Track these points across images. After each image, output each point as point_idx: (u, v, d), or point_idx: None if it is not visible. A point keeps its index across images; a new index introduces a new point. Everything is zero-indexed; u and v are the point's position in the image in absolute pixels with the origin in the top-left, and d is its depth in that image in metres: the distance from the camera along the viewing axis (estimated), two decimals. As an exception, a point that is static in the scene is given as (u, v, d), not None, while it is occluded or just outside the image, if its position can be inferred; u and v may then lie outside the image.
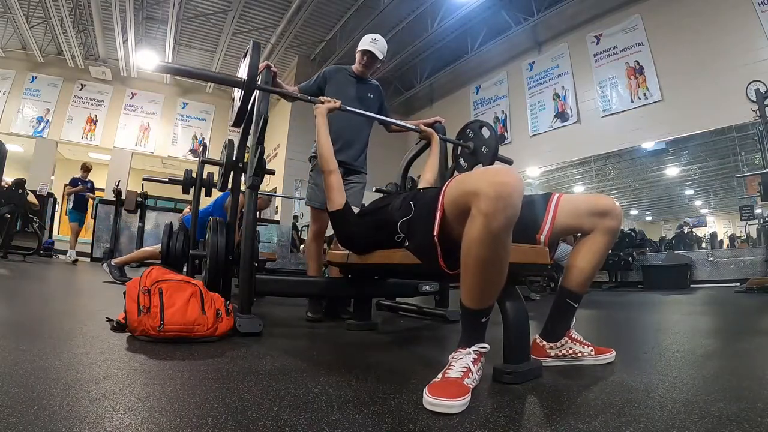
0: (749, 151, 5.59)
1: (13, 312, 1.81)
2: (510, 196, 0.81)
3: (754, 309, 2.95)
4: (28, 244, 5.89)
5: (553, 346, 1.20)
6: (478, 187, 0.83)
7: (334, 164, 1.57)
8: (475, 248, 0.86)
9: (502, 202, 0.80)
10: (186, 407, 0.74)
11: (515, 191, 0.81)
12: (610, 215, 1.14)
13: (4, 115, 9.09)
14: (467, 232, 0.86)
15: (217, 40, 8.71)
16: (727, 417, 0.74)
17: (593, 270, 1.18)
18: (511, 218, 0.82)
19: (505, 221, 0.82)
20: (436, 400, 0.77)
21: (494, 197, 0.81)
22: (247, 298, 1.60)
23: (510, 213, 0.82)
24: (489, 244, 0.84)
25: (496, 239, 0.84)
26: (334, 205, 1.50)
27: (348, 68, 2.46)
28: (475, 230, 0.84)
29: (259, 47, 1.61)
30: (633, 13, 6.37)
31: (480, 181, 0.84)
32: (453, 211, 0.94)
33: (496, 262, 0.88)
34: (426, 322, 2.19)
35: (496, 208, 0.81)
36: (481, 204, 0.82)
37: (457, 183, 0.95)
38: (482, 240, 0.84)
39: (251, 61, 1.55)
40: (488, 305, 0.95)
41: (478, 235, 0.84)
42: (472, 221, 0.85)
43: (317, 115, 1.70)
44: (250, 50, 1.58)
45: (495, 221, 0.81)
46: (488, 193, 0.81)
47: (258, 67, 1.62)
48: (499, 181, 0.81)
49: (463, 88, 9.17)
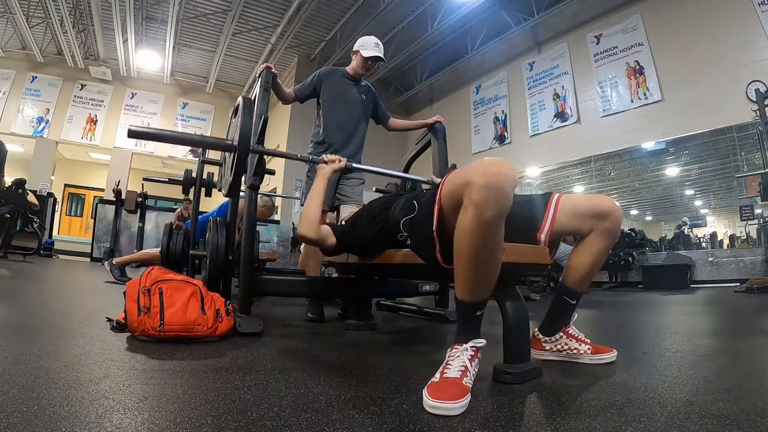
0: (749, 151, 5.58)
1: (13, 312, 1.81)
2: (502, 186, 0.81)
3: (754, 309, 2.94)
4: (28, 244, 5.89)
5: (548, 340, 1.23)
6: (471, 177, 0.84)
7: (314, 231, 1.42)
8: (467, 239, 0.86)
9: (493, 192, 0.81)
10: (186, 407, 0.74)
11: (507, 181, 0.82)
12: (610, 218, 1.14)
13: (4, 115, 9.09)
14: (459, 222, 0.87)
15: (217, 40, 8.70)
16: (727, 417, 0.74)
17: (592, 271, 1.19)
18: (502, 208, 0.82)
19: (496, 211, 0.82)
20: (437, 403, 0.77)
21: (485, 187, 0.81)
22: (247, 298, 1.60)
23: (502, 203, 0.82)
24: (481, 234, 0.84)
25: (487, 229, 0.84)
26: (331, 247, 1.44)
27: (342, 70, 2.43)
28: (467, 220, 0.84)
29: (251, 106, 1.36)
30: (633, 13, 6.36)
31: (472, 171, 0.84)
32: (449, 204, 0.95)
33: (487, 252, 0.88)
34: (426, 322, 2.19)
35: (488, 198, 0.81)
36: (473, 194, 0.82)
37: (452, 176, 0.96)
38: (474, 230, 0.84)
39: (243, 121, 1.31)
40: (482, 298, 0.94)
41: (470, 225, 0.84)
42: (464, 212, 0.85)
43: (319, 176, 1.56)
44: (240, 108, 1.34)
45: (487, 211, 0.81)
46: (480, 182, 0.81)
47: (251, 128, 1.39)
48: (492, 171, 0.82)
49: (463, 88, 9.16)
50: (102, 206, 7.31)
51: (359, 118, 2.38)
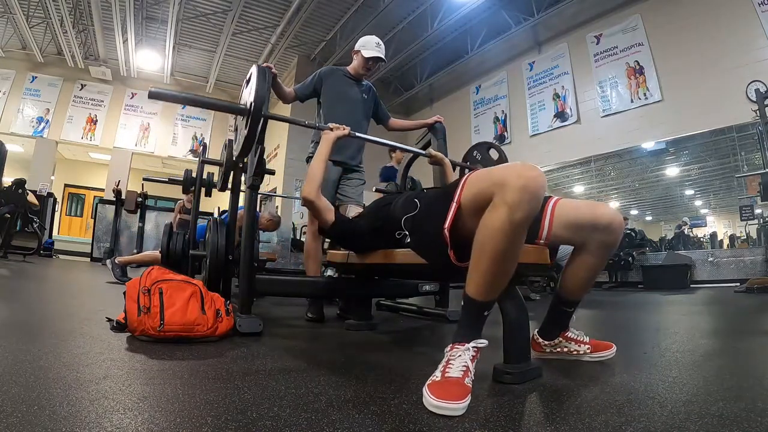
0: (749, 151, 5.58)
1: (13, 312, 1.80)
2: (537, 190, 0.83)
3: (754, 309, 2.94)
4: (28, 244, 5.90)
5: (548, 344, 1.23)
6: (506, 177, 0.85)
7: (315, 194, 1.50)
8: (494, 238, 0.86)
9: (527, 195, 0.82)
10: (186, 407, 0.74)
11: (542, 188, 0.84)
12: (609, 229, 1.07)
13: (4, 115, 9.09)
14: (487, 222, 0.87)
15: (217, 40, 8.70)
16: (727, 417, 0.74)
17: (589, 282, 1.16)
18: (533, 211, 0.84)
19: (527, 213, 0.84)
20: (441, 403, 0.76)
21: (522, 188, 0.82)
22: (247, 298, 1.60)
23: (533, 206, 0.84)
24: (508, 234, 0.85)
25: (515, 230, 0.85)
26: (328, 222, 1.49)
27: (343, 69, 2.43)
28: (497, 220, 0.85)
29: (265, 73, 1.46)
30: (633, 13, 6.37)
31: (508, 172, 0.86)
32: (470, 204, 0.95)
33: (510, 253, 0.88)
34: (426, 322, 2.19)
35: (522, 200, 0.82)
36: (506, 194, 0.84)
37: (479, 175, 0.96)
38: (502, 229, 0.85)
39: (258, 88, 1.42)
40: (493, 298, 0.94)
41: (499, 225, 0.85)
42: (493, 210, 0.86)
43: (323, 141, 1.62)
44: (255, 76, 1.45)
45: (519, 212, 0.83)
46: (516, 184, 0.83)
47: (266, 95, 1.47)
48: (529, 175, 0.84)
49: (463, 88, 9.16)
50: (102, 206, 7.32)
51: (360, 118, 2.38)
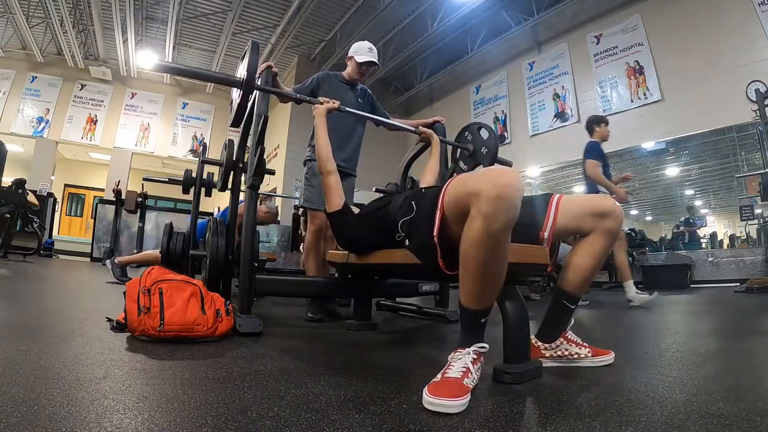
0: (749, 151, 5.58)
1: (13, 312, 1.80)
2: (512, 198, 0.81)
3: (754, 309, 2.94)
4: (28, 244, 5.90)
5: (548, 347, 1.19)
6: (480, 187, 0.83)
7: (332, 165, 1.57)
8: (474, 249, 0.86)
9: (503, 204, 0.80)
10: (186, 407, 0.74)
11: (517, 193, 0.81)
12: (611, 216, 1.11)
13: (4, 115, 9.09)
14: (466, 232, 0.86)
15: (217, 40, 8.70)
16: (727, 417, 0.74)
17: (592, 271, 1.15)
18: (511, 220, 0.82)
19: (505, 223, 0.82)
20: (435, 400, 0.77)
21: (495, 198, 0.80)
22: (247, 298, 1.60)
23: (511, 215, 0.82)
24: (488, 245, 0.84)
25: (495, 240, 0.84)
26: (333, 206, 1.50)
27: (338, 74, 2.48)
28: (475, 231, 0.84)
29: (257, 47, 1.60)
30: (633, 13, 6.36)
31: (482, 181, 0.83)
32: (453, 211, 0.94)
33: (494, 263, 0.88)
34: (426, 322, 2.19)
35: (497, 209, 0.80)
36: (481, 205, 0.82)
37: (457, 183, 0.95)
38: (481, 241, 0.84)
39: (250, 61, 1.54)
40: (487, 306, 0.95)
41: (478, 236, 0.84)
42: (471, 222, 0.85)
43: (316, 116, 1.70)
44: (248, 50, 1.57)
45: (495, 222, 0.81)
46: (490, 193, 0.81)
47: (257, 67, 1.61)
48: (502, 182, 0.81)
49: (463, 88, 9.15)
50: (102, 206, 7.31)
51: (355, 122, 2.42)
